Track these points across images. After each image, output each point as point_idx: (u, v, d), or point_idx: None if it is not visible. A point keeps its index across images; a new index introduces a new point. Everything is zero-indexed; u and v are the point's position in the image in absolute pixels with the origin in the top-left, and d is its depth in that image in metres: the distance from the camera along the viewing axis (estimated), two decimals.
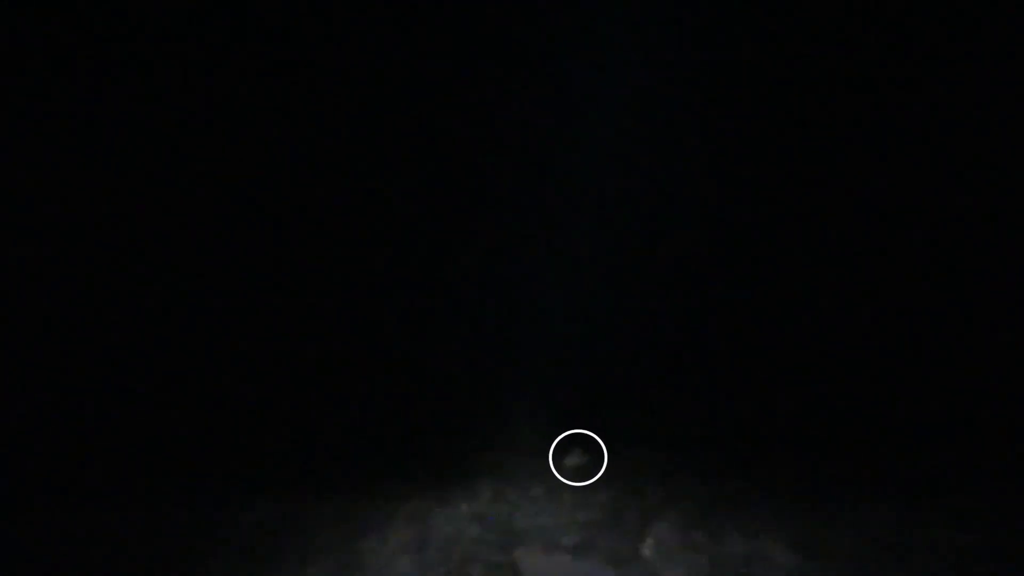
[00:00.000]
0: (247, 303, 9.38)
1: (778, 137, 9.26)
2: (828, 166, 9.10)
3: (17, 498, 7.08)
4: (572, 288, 9.34)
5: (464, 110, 9.42)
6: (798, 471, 7.27)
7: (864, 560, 5.62)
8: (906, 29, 8.79)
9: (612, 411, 8.70)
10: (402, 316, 9.65)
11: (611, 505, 6.70)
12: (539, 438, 8.11)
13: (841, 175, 9.11)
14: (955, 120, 8.57)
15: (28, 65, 8.47)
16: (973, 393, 7.85)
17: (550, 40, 9.22)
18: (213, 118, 8.95)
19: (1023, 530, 5.80)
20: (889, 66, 8.89)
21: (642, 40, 9.02)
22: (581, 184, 9.40)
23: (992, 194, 8.33)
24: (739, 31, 9.06)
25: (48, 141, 8.70)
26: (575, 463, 7.54)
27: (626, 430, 8.24)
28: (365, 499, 6.97)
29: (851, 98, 9.05)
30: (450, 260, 9.75)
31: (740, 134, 9.25)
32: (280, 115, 9.18)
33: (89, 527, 6.54)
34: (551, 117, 9.36)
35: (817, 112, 9.04)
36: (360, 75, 9.29)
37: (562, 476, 7.25)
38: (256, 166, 9.23)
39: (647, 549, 5.92)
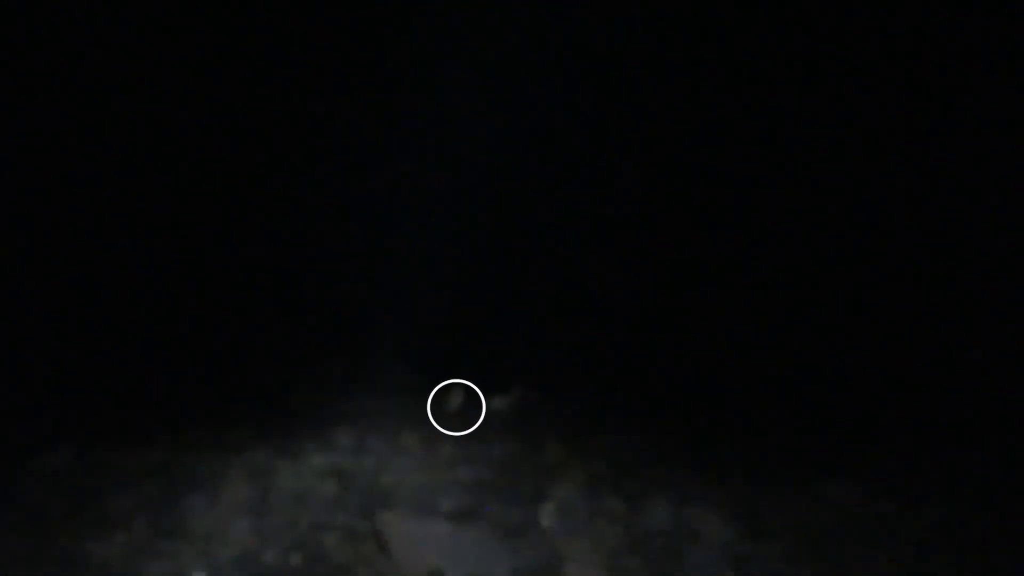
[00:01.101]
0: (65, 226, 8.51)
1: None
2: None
3: None
4: (448, 212, 8.77)
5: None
6: (739, 430, 6.71)
7: (809, 540, 4.89)
8: None
9: (504, 349, 8.10)
10: (246, 242, 8.87)
11: (503, 462, 5.97)
12: (412, 376, 7.43)
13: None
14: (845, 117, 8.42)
15: None
16: (925, 371, 7.46)
17: None
18: None
19: (975, 510, 5.24)
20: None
21: None
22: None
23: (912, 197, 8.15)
24: None
25: None
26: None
27: (522, 372, 7.55)
28: (192, 447, 6.22)
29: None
30: (306, 184, 9.06)
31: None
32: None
33: None
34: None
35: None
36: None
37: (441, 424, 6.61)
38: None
39: (546, 517, 5.09)
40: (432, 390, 7.10)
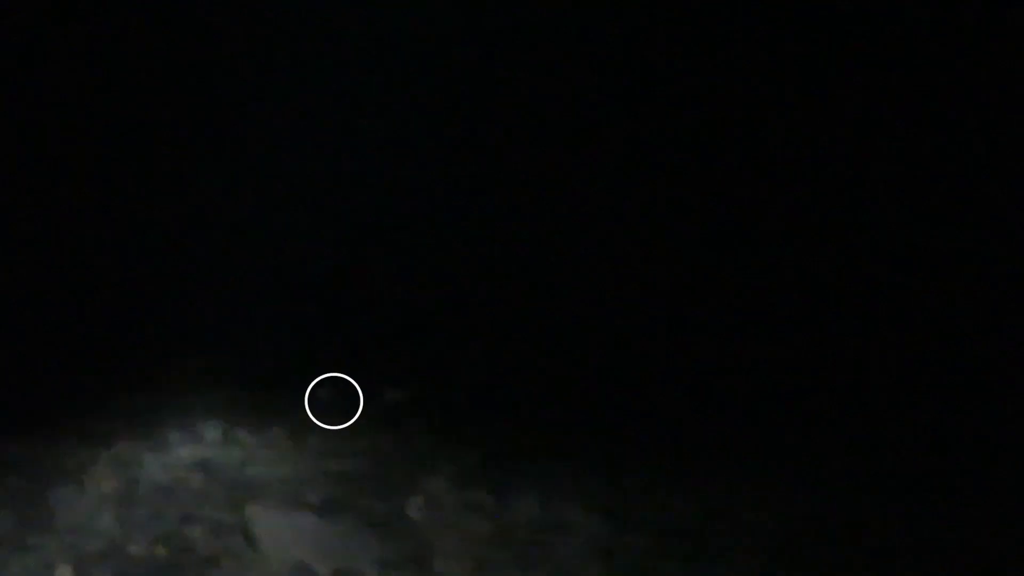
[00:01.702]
0: None
1: None
2: None
3: None
4: (323, 206, 8.72)
5: None
6: (606, 422, 6.70)
7: (676, 532, 4.96)
8: None
9: (375, 343, 8.03)
10: (113, 231, 8.73)
11: (370, 454, 5.97)
12: (280, 369, 7.36)
13: None
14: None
15: None
16: (791, 362, 7.56)
17: None
18: None
19: (842, 502, 5.36)
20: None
21: None
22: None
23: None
24: None
25: None
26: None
27: (392, 365, 7.55)
28: (58, 438, 6.11)
29: None
30: (179, 161, 8.89)
31: None
32: None
33: None
34: None
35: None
36: None
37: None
38: None
39: (415, 510, 5.14)
40: (301, 383, 7.07)
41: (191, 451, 5.93)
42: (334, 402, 6.86)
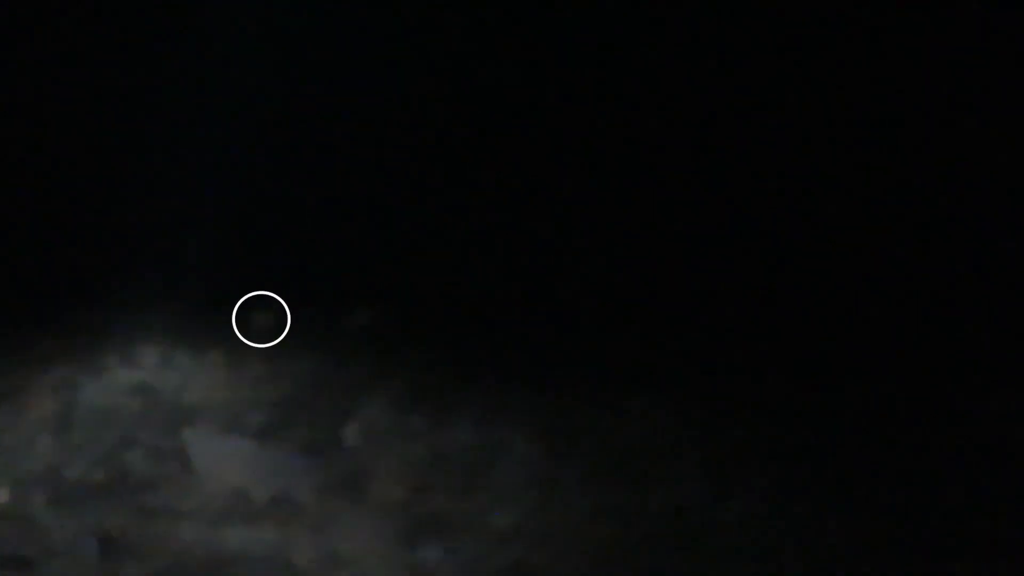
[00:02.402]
0: None
1: None
2: None
3: None
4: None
5: None
6: (544, 345, 6.68)
7: (615, 458, 5.03)
8: None
9: (308, 258, 7.93)
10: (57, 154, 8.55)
11: (307, 379, 5.98)
12: (219, 291, 7.26)
13: None
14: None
15: None
16: (737, 294, 7.48)
17: None
18: None
19: (782, 431, 5.38)
20: None
21: None
22: None
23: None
24: None
25: None
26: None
27: (329, 288, 7.48)
28: None
29: None
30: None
31: None
32: None
33: None
34: None
35: None
36: None
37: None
38: None
39: (351, 434, 5.19)
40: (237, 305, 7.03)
41: (129, 375, 5.91)
42: (265, 322, 6.84)
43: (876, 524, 4.36)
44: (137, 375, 5.93)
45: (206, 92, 8.62)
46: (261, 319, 6.84)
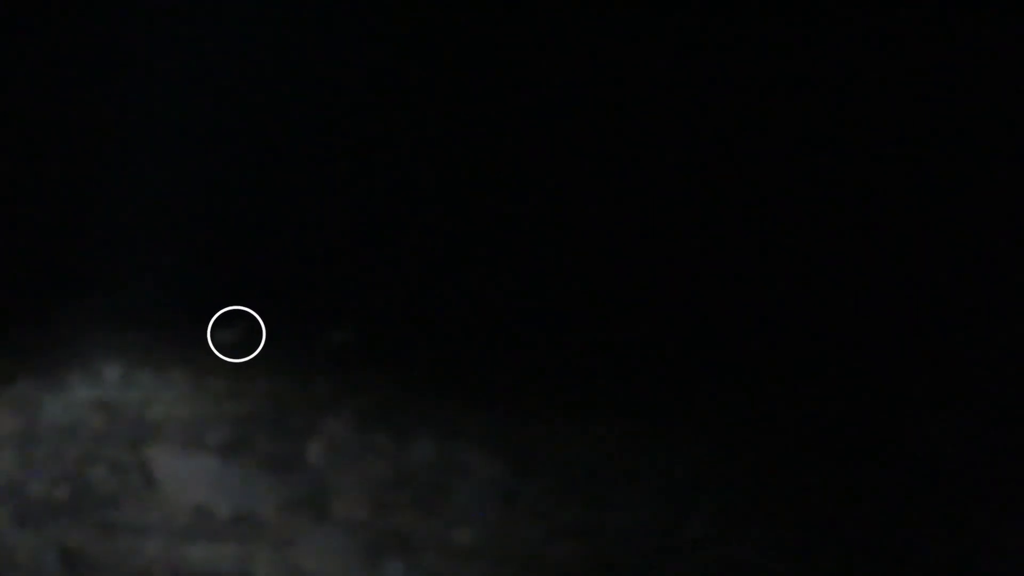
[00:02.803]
0: None
1: None
2: None
3: None
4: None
5: None
6: (507, 363, 6.77)
7: (577, 476, 5.07)
8: None
9: (273, 276, 7.98)
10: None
11: (271, 396, 5.99)
12: (181, 309, 7.30)
13: None
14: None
15: None
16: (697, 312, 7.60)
17: None
18: None
19: (740, 451, 5.47)
20: None
21: None
22: None
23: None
24: None
25: None
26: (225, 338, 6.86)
27: (294, 306, 7.49)
28: None
29: None
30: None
31: None
32: None
33: None
34: None
35: None
36: None
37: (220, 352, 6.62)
38: None
39: (315, 452, 5.20)
40: (202, 324, 7.00)
41: (91, 392, 5.88)
42: (237, 339, 6.84)
43: (832, 546, 4.41)
44: (99, 392, 5.90)
45: (173, 102, 8.61)
46: (227, 335, 6.84)
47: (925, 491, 4.95)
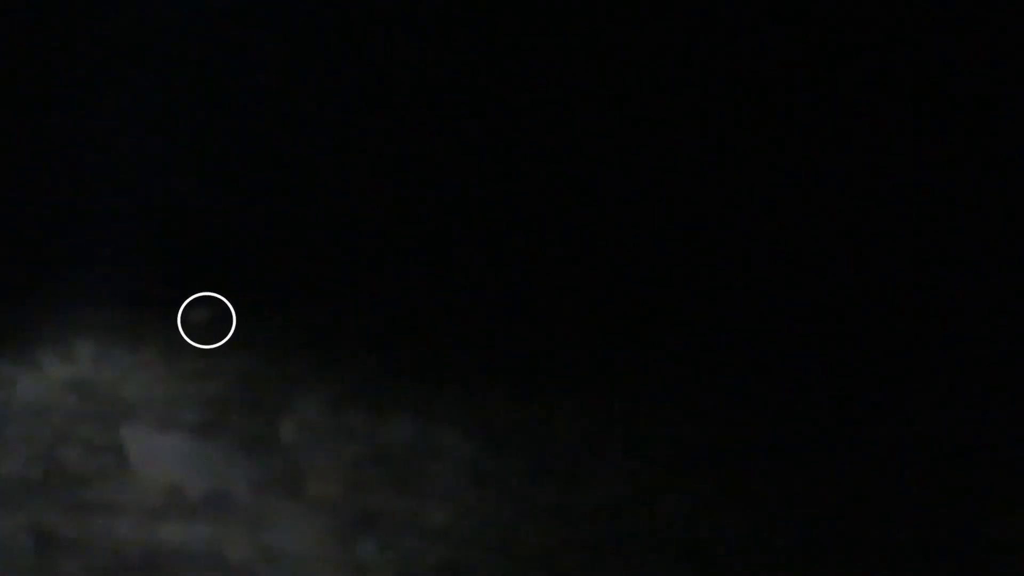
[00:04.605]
0: None
1: None
2: None
3: None
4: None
5: None
6: (481, 344, 6.78)
7: (551, 457, 5.08)
8: None
9: (245, 256, 7.97)
10: None
11: (245, 375, 5.98)
12: (156, 289, 7.25)
13: None
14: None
15: None
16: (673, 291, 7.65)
17: None
18: None
19: (721, 433, 5.49)
20: None
21: None
22: None
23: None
24: None
25: None
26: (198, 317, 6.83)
27: (268, 285, 7.48)
28: None
29: None
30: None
31: None
32: None
33: None
34: None
35: None
36: None
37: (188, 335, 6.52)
38: None
39: (288, 431, 5.20)
40: (175, 303, 6.97)
41: (65, 370, 5.87)
42: (208, 322, 6.80)
43: (805, 522, 4.46)
44: (73, 371, 5.89)
45: (143, 87, 8.57)
46: (199, 317, 6.82)
47: (898, 470, 4.99)
